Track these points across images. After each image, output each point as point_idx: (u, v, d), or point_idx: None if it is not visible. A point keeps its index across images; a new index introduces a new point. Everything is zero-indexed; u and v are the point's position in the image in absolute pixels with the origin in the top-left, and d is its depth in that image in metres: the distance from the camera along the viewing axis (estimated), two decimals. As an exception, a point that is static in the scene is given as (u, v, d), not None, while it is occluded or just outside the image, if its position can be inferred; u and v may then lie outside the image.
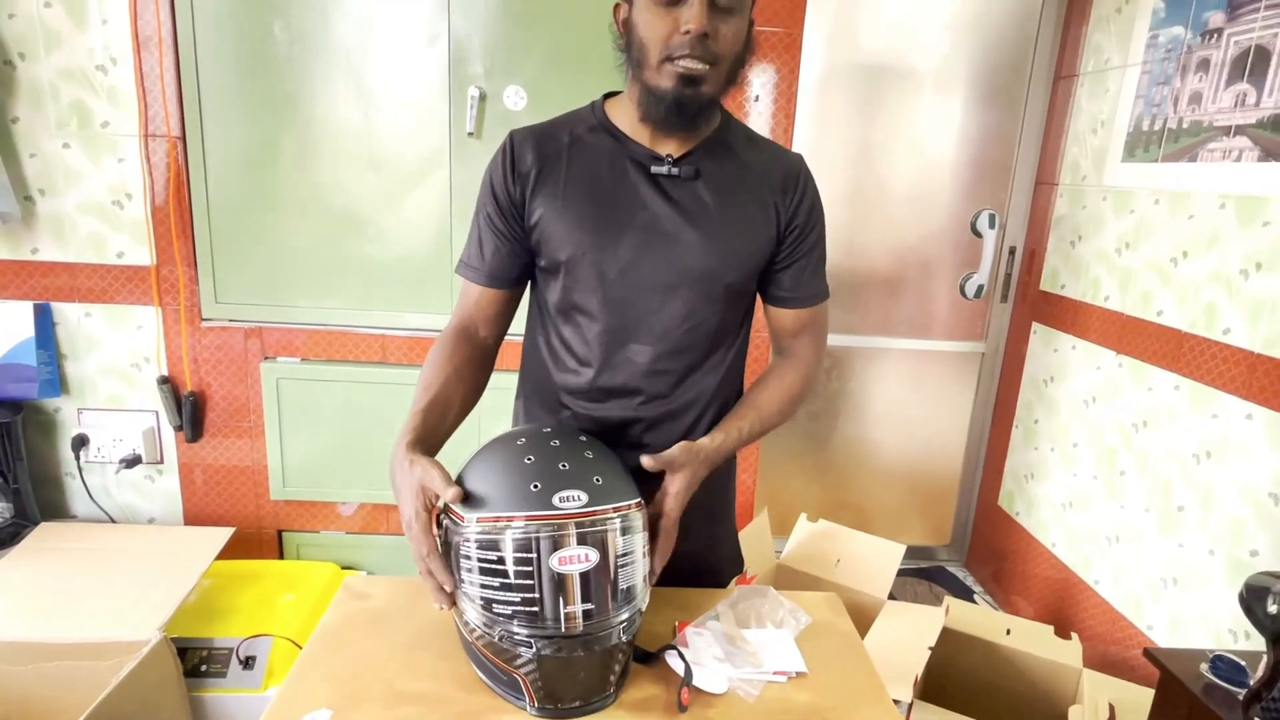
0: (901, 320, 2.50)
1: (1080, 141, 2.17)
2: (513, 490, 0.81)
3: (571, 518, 0.79)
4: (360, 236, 1.98)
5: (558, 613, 0.78)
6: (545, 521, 0.78)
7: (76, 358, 2.06)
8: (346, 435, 2.09)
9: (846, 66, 2.31)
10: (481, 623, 0.81)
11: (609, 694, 0.83)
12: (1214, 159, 1.67)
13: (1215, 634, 1.61)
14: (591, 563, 0.79)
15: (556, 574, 0.78)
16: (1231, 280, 1.61)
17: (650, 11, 0.90)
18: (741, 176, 1.02)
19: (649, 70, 0.93)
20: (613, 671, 0.83)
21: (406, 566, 2.21)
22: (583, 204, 0.98)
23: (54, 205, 1.96)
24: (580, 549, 0.79)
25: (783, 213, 1.03)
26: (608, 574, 0.80)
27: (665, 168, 0.99)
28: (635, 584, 0.84)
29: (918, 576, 2.59)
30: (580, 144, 1.01)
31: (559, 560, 0.78)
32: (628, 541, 0.83)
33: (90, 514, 2.16)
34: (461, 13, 1.85)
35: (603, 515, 0.81)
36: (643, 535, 0.86)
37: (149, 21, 1.86)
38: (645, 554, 0.86)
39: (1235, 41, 1.63)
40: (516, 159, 1.00)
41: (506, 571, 0.79)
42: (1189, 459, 1.71)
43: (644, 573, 0.85)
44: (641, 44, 0.93)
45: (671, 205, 0.99)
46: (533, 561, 0.78)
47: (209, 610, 1.86)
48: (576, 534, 0.79)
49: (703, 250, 0.99)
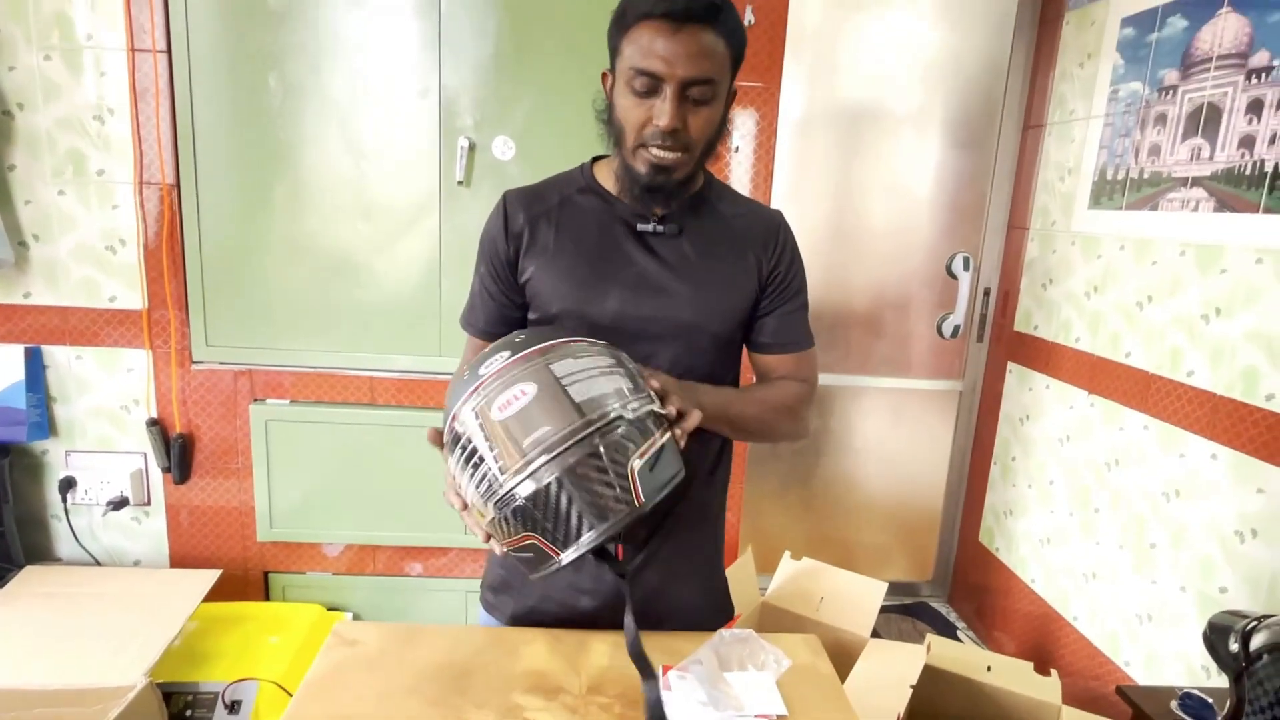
0: (881, 359, 2.56)
1: (1049, 188, 2.25)
2: (451, 397, 0.84)
3: (497, 373, 0.80)
4: (351, 281, 2.02)
5: (518, 449, 0.77)
6: (475, 393, 0.80)
7: (66, 400, 2.08)
8: (334, 476, 2.11)
9: (824, 113, 2.39)
10: (488, 510, 0.80)
11: (632, 503, 0.79)
12: (1174, 208, 1.75)
13: (1190, 670, 1.64)
14: (529, 394, 0.78)
15: (501, 421, 0.78)
16: (1193, 325, 1.68)
17: (627, 98, 0.95)
18: (723, 232, 1.07)
19: (625, 151, 0.99)
20: (615, 478, 0.78)
21: (393, 608, 2.22)
22: (572, 260, 1.03)
23: (48, 251, 1.99)
24: (513, 390, 0.79)
25: (764, 265, 1.08)
26: (554, 394, 0.78)
27: (651, 225, 1.04)
28: (604, 393, 0.80)
29: (901, 613, 2.61)
30: (570, 204, 1.06)
31: (499, 409, 0.78)
32: (565, 366, 0.80)
33: (75, 556, 2.16)
34: (452, 67, 1.92)
35: (526, 357, 0.81)
36: (605, 358, 0.84)
37: (146, 74, 1.91)
38: (631, 383, 0.84)
39: (1189, 98, 1.72)
40: (510, 219, 1.06)
41: (471, 454, 0.79)
42: (1159, 497, 1.76)
43: (622, 386, 0.82)
44: (619, 125, 0.98)
45: (657, 260, 1.04)
46: (480, 427, 0.79)
47: (194, 654, 1.85)
48: (505, 381, 0.79)
49: (688, 302, 1.03)
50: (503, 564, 1.16)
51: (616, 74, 0.98)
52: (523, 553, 0.83)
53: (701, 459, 1.11)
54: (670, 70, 0.91)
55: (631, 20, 0.93)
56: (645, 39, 0.92)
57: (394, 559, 2.21)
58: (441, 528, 2.13)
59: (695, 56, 0.91)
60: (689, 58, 0.91)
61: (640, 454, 0.80)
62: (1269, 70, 1.52)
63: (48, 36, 1.90)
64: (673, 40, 0.91)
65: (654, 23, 0.91)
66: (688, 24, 0.91)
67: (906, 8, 2.35)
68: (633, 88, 0.94)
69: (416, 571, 2.22)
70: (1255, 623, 1.08)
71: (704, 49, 0.92)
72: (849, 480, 2.65)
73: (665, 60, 0.91)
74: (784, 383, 1.12)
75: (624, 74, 0.95)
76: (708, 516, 1.16)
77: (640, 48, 0.92)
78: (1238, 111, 1.58)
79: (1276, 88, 1.50)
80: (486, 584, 1.20)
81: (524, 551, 0.82)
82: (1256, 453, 1.51)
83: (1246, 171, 1.55)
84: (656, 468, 0.82)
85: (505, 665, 0.99)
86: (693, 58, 0.91)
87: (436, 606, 2.25)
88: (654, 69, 0.91)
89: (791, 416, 1.10)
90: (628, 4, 0.95)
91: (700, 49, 0.91)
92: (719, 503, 1.18)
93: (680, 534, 1.11)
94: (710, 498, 1.16)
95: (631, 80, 0.94)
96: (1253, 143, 1.55)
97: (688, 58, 0.91)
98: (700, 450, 1.10)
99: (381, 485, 2.11)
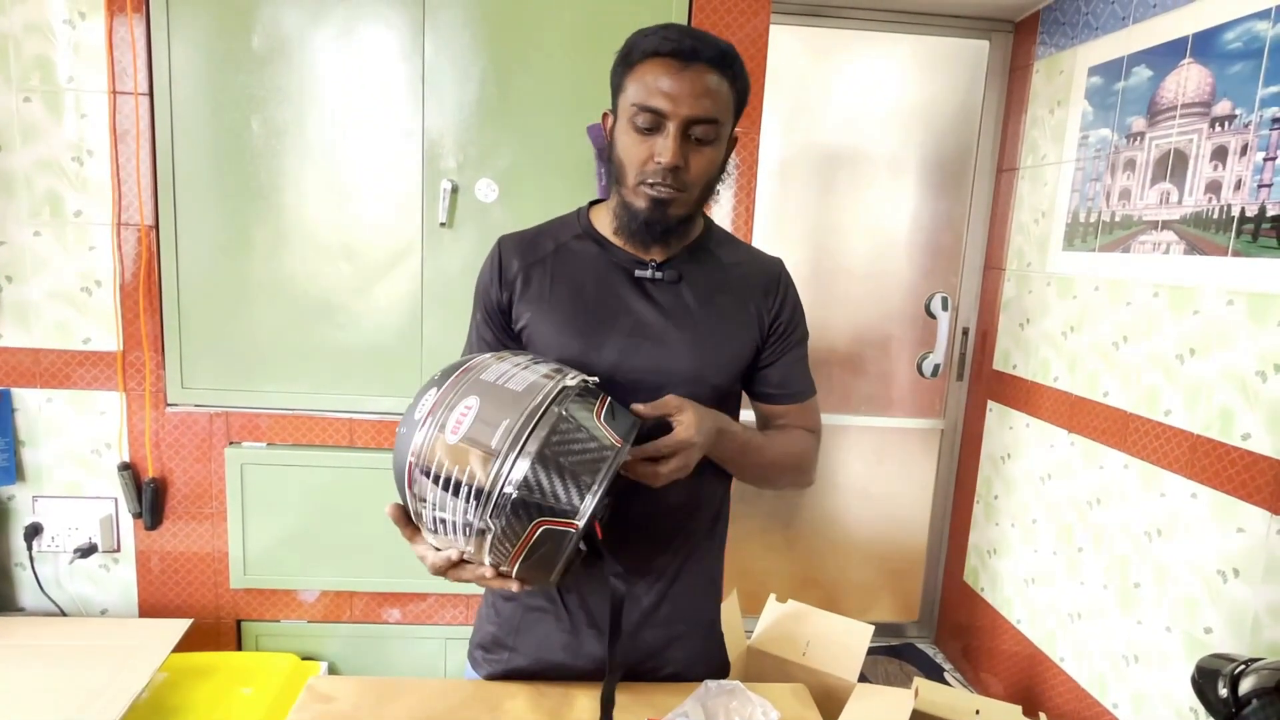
0: (863, 398, 2.57)
1: (1024, 230, 2.29)
2: (399, 454, 0.84)
3: (433, 409, 0.81)
4: (330, 323, 2.01)
5: (489, 450, 0.78)
6: (421, 430, 0.80)
7: (35, 444, 2.03)
8: (311, 520, 2.06)
9: (802, 157, 2.44)
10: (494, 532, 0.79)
11: (615, 446, 0.81)
12: (1145, 250, 1.79)
13: (1178, 712, 1.63)
14: (475, 406, 0.80)
15: (462, 439, 0.78)
16: (1169, 365, 1.70)
17: (628, 136, 0.96)
18: (723, 280, 1.06)
19: (626, 189, 0.98)
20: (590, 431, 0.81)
21: (371, 656, 2.17)
22: (569, 308, 1.02)
23: (20, 292, 1.96)
24: (457, 410, 0.80)
25: (765, 315, 1.07)
26: (496, 392, 0.81)
27: (649, 272, 1.03)
28: (535, 379, 0.83)
29: (888, 655, 2.59)
30: (565, 250, 1.05)
31: (452, 432, 0.79)
32: (493, 372, 0.83)
33: (40, 606, 2.08)
34: (435, 109, 1.93)
35: (451, 382, 0.83)
36: (522, 357, 0.88)
37: (127, 115, 1.91)
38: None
39: (1156, 145, 1.77)
40: (504, 266, 1.05)
41: (450, 475, 0.79)
42: (1142, 536, 1.76)
43: (548, 369, 0.86)
44: (620, 163, 0.98)
45: (655, 309, 1.02)
46: (448, 453, 0.78)
47: (163, 708, 1.79)
48: (445, 410, 0.80)
49: (687, 352, 1.02)
50: (495, 621, 1.12)
51: (619, 112, 0.98)
52: (536, 555, 0.81)
53: (701, 518, 1.10)
54: (674, 108, 0.92)
55: (638, 58, 0.94)
56: (651, 76, 0.93)
57: (371, 605, 2.16)
58: (421, 573, 2.06)
59: (699, 96, 0.92)
60: (693, 97, 0.92)
61: (596, 412, 0.84)
62: (1231, 119, 1.56)
63: (28, 79, 1.89)
64: (678, 79, 0.92)
65: (660, 60, 0.93)
66: (694, 64, 0.92)
67: (882, 55, 2.41)
68: (635, 125, 0.94)
69: (395, 618, 2.17)
70: (1243, 666, 1.08)
71: (709, 89, 0.93)
72: (833, 519, 2.64)
73: (669, 97, 0.92)
74: (797, 432, 1.11)
75: (627, 111, 0.95)
76: (712, 579, 1.15)
77: (645, 85, 0.93)
78: (1203, 158, 1.63)
79: (1239, 136, 1.55)
80: (477, 642, 1.15)
81: (537, 552, 0.81)
82: (1235, 492, 1.52)
83: (1214, 215, 1.59)
84: (616, 419, 0.85)
85: (486, 721, 0.96)
86: (697, 97, 0.92)
87: (415, 654, 2.19)
88: (658, 106, 0.92)
89: (800, 468, 1.10)
90: (634, 42, 0.96)
91: (705, 89, 0.92)
92: (717, 563, 1.16)
93: (681, 597, 1.09)
94: (711, 561, 1.14)
95: (635, 117, 0.94)
96: (1219, 188, 1.59)
97: (692, 97, 0.92)
98: (700, 509, 1.09)
99: (359, 529, 2.06)
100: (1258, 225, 1.49)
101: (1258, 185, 1.50)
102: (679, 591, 1.08)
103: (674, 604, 1.08)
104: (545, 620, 1.08)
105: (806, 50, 2.39)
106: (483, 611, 1.15)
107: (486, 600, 1.15)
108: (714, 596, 1.16)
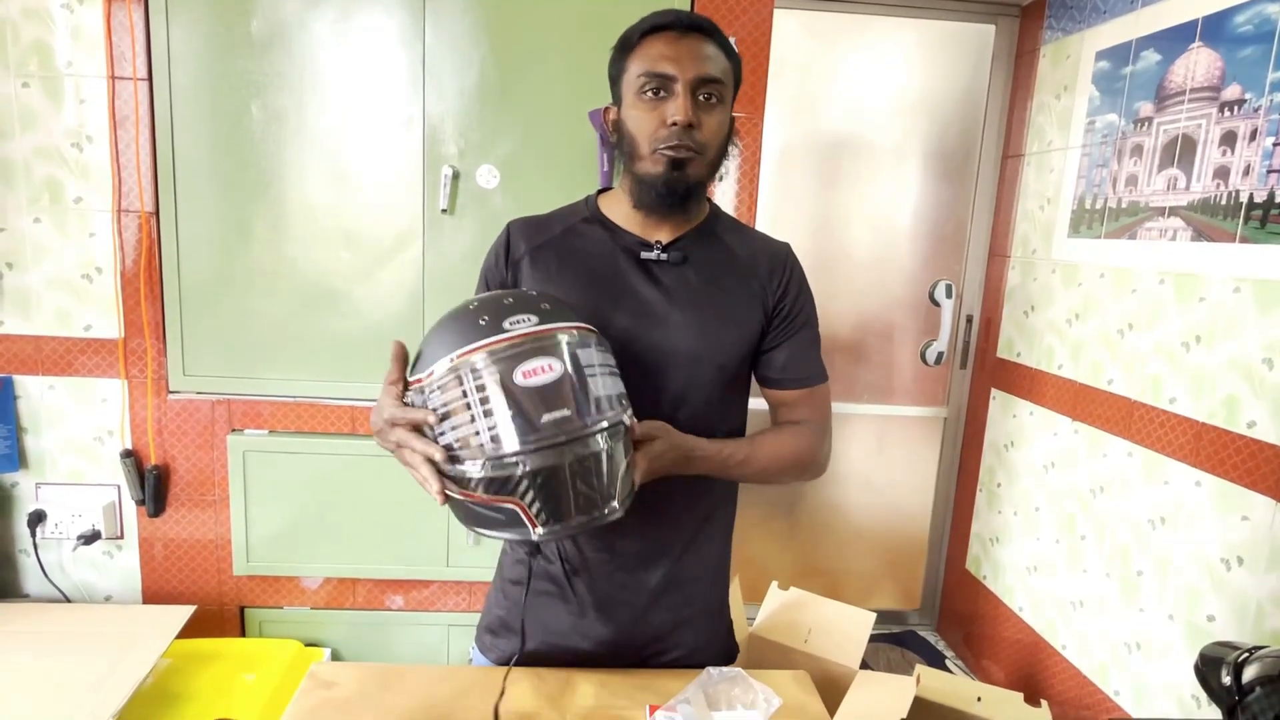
0: (866, 386, 2.56)
1: (1029, 217, 2.28)
2: (463, 333, 0.82)
3: (525, 336, 0.81)
4: (332, 310, 2.00)
5: (536, 422, 0.79)
6: (499, 345, 0.80)
7: (37, 432, 2.03)
8: (313, 507, 2.06)
9: (806, 144, 2.42)
10: (469, 467, 0.80)
11: (613, 507, 0.83)
12: (1151, 238, 1.77)
13: (1180, 700, 1.63)
14: (556, 372, 0.81)
15: (524, 388, 0.79)
16: (1174, 352, 1.69)
17: (638, 108, 0.98)
18: (728, 262, 1.07)
19: (641, 160, 0.99)
20: (607, 480, 0.83)
21: (370, 645, 2.17)
22: (574, 289, 1.02)
23: (20, 280, 1.96)
24: (541, 360, 0.80)
25: (770, 296, 1.07)
26: (575, 381, 0.82)
27: (655, 253, 1.03)
28: (610, 394, 0.85)
29: (890, 642, 2.59)
30: (572, 233, 1.07)
31: (523, 375, 0.79)
32: (587, 355, 0.84)
33: (44, 593, 2.09)
34: (436, 95, 1.92)
35: (555, 331, 0.83)
36: (611, 358, 0.89)
37: (127, 101, 1.90)
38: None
39: (1164, 130, 1.75)
40: (511, 246, 1.06)
41: (475, 404, 0.79)
42: (1144, 525, 1.76)
43: (615, 393, 0.86)
44: (632, 138, 0.99)
45: (659, 289, 1.03)
46: (499, 384, 0.79)
47: (166, 694, 1.79)
48: (533, 348, 0.81)
49: (690, 332, 1.02)
50: (503, 604, 1.12)
51: (623, 93, 1.01)
52: (483, 512, 0.81)
53: (703, 505, 1.09)
54: (680, 69, 0.96)
55: (637, 38, 0.99)
56: (654, 49, 0.98)
57: (374, 592, 2.16)
58: (424, 560, 2.09)
59: (702, 58, 0.98)
60: (697, 58, 0.97)
61: (627, 460, 0.86)
62: (1241, 103, 1.55)
63: (26, 64, 1.88)
64: (680, 44, 0.97)
65: (661, 34, 0.98)
66: (692, 32, 0.98)
67: (886, 41, 2.39)
68: (643, 95, 0.98)
69: (398, 605, 2.18)
70: (1247, 654, 1.07)
71: (709, 54, 0.98)
72: (835, 508, 2.64)
73: (675, 60, 0.96)
74: (793, 430, 1.09)
75: (633, 86, 0.99)
76: (720, 562, 1.15)
77: (649, 56, 0.98)
78: (1212, 143, 1.61)
79: (1248, 121, 1.53)
80: (485, 625, 1.16)
81: (488, 512, 0.81)
82: (1239, 480, 1.51)
83: (1222, 202, 1.58)
84: (626, 476, 0.86)
85: (487, 707, 0.96)
86: (700, 59, 0.97)
87: (418, 641, 2.20)
88: (665, 70, 0.96)
89: (800, 466, 1.08)
90: (629, 30, 1.01)
91: (706, 53, 0.98)
92: (725, 546, 1.16)
93: (688, 584, 1.09)
94: (718, 544, 1.14)
95: (642, 88, 0.98)
96: (1227, 174, 1.57)
97: (695, 58, 0.97)
98: (703, 497, 1.08)
99: (362, 516, 2.07)
100: (1266, 211, 1.48)
101: (1267, 171, 1.48)
102: (686, 574, 1.08)
103: (681, 587, 1.08)
104: (553, 603, 1.08)
105: (810, 35, 2.37)
106: (491, 596, 1.16)
107: (495, 585, 1.16)
108: (721, 580, 1.16)
